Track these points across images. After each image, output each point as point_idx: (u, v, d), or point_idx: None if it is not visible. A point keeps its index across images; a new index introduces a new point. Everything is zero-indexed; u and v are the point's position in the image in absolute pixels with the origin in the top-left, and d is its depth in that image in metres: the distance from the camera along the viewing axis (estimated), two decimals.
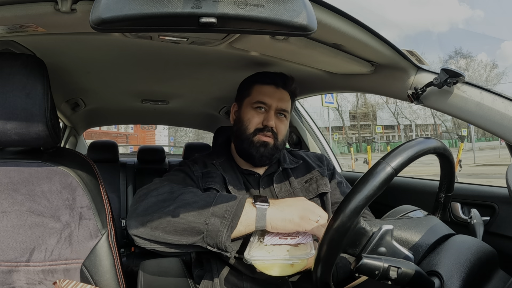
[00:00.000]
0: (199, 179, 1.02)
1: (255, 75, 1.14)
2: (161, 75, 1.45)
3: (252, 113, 1.07)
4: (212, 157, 1.12)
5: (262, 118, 1.06)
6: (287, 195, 1.05)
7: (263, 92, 1.07)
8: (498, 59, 43.76)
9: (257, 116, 1.06)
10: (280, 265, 0.78)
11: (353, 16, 0.81)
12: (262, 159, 1.05)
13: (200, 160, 1.10)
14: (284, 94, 1.09)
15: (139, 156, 2.77)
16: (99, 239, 0.89)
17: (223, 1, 0.53)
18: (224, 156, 1.13)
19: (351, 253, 0.67)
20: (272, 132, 1.05)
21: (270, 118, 1.05)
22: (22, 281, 0.83)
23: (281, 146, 1.08)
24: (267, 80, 1.09)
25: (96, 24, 0.51)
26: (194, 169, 1.05)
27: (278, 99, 1.07)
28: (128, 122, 3.35)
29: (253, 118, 1.06)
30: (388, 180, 0.62)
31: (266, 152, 1.04)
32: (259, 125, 1.06)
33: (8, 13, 0.71)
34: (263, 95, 1.07)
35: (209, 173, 1.04)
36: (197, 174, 1.03)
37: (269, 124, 1.04)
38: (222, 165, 1.09)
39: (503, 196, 1.05)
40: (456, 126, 29.56)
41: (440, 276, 0.62)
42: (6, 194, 0.86)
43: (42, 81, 0.82)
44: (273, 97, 1.06)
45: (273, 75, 1.10)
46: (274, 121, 1.05)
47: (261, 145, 1.04)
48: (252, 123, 1.06)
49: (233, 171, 1.09)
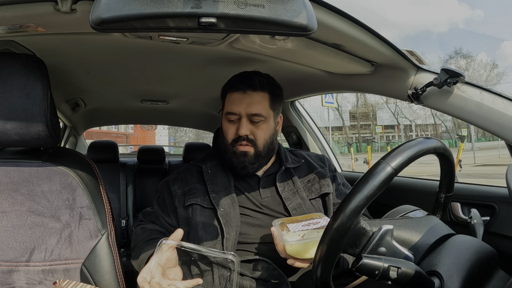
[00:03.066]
0: (176, 199, 1.07)
1: (228, 82, 1.09)
2: (161, 75, 1.45)
3: (227, 125, 1.05)
4: (206, 160, 1.13)
5: (235, 128, 1.03)
6: (291, 194, 1.05)
7: (231, 101, 1.04)
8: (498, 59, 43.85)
9: (231, 127, 1.04)
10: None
11: (353, 16, 0.81)
12: (243, 168, 1.04)
13: (182, 177, 1.11)
14: (254, 97, 1.03)
15: (139, 156, 2.77)
16: (99, 239, 0.88)
17: (223, 1, 0.53)
18: (218, 159, 1.12)
19: (351, 253, 0.67)
20: (248, 140, 1.02)
21: (241, 127, 1.02)
22: (22, 281, 0.83)
23: (264, 152, 1.04)
24: (233, 87, 1.05)
25: (96, 24, 0.51)
26: (173, 189, 1.08)
27: (246, 105, 1.02)
28: (128, 122, 3.35)
29: (228, 130, 1.05)
30: (388, 180, 0.62)
31: (247, 161, 1.03)
32: (234, 136, 1.04)
33: (8, 13, 0.71)
34: (231, 104, 1.04)
35: (190, 190, 1.06)
36: (176, 194, 1.07)
37: (241, 133, 1.01)
38: (213, 168, 1.09)
39: (503, 196, 1.05)
40: (456, 126, 29.55)
41: (440, 276, 0.62)
42: (6, 194, 0.86)
43: (42, 81, 0.82)
44: (241, 104, 1.02)
45: (239, 80, 1.05)
46: (246, 129, 1.02)
47: (241, 154, 1.02)
48: (228, 135, 1.05)
49: (225, 174, 1.08)
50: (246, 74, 1.07)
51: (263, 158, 1.05)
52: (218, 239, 0.98)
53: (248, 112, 1.02)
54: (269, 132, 1.06)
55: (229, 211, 1.00)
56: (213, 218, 1.01)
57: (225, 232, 0.97)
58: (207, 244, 0.98)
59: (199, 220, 1.01)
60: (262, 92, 1.04)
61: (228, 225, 0.98)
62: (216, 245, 0.98)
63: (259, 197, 1.05)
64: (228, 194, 1.03)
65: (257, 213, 1.03)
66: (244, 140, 1.02)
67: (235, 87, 1.04)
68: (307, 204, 1.05)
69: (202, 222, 1.01)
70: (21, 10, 0.71)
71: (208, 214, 1.02)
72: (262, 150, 1.04)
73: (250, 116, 1.02)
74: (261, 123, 1.04)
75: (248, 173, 1.06)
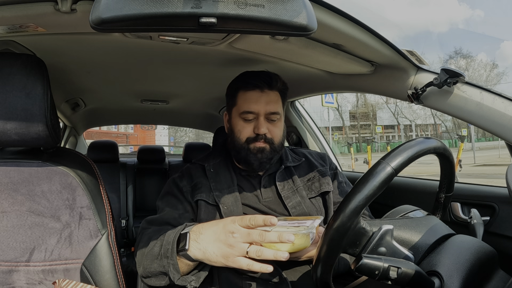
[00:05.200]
0: (188, 194, 1.04)
1: (237, 79, 1.08)
2: (161, 75, 1.45)
3: (242, 123, 1.04)
4: (208, 159, 1.13)
5: (252, 127, 1.02)
6: (290, 193, 1.06)
7: (248, 100, 1.02)
8: (498, 59, 43.84)
9: (247, 126, 1.03)
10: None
11: (353, 16, 0.81)
12: (261, 165, 1.04)
13: (187, 173, 1.10)
14: (271, 96, 1.03)
15: (139, 156, 2.77)
16: (99, 239, 0.89)
17: (223, 1, 0.53)
18: (221, 157, 1.12)
19: (351, 253, 0.67)
20: (266, 138, 1.02)
21: (261, 126, 1.01)
22: (22, 281, 0.83)
23: (278, 148, 1.06)
24: (250, 85, 1.03)
25: (96, 24, 0.51)
26: (182, 185, 1.07)
27: (265, 103, 1.01)
28: (128, 122, 3.35)
29: (243, 129, 1.03)
30: (388, 180, 0.62)
31: (264, 157, 1.03)
32: (251, 134, 1.02)
33: (8, 13, 0.71)
34: (249, 102, 1.02)
35: (196, 185, 1.06)
36: (186, 190, 1.05)
37: (260, 132, 1.01)
38: (215, 167, 1.09)
39: (503, 196, 1.05)
40: (456, 126, 29.57)
41: (440, 276, 0.62)
42: (6, 194, 0.86)
43: (42, 81, 0.82)
44: (260, 103, 1.01)
45: (255, 78, 1.04)
46: (265, 127, 1.01)
47: (258, 151, 1.02)
48: (243, 134, 1.03)
49: (228, 172, 1.08)
50: (260, 72, 1.06)
51: (278, 154, 1.07)
52: None
53: (268, 110, 1.01)
54: (283, 129, 1.08)
55: (233, 209, 1.00)
56: (217, 215, 1.01)
57: None
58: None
59: (204, 216, 1.01)
60: (276, 91, 1.06)
61: None
62: None
63: (261, 195, 1.06)
64: (231, 192, 1.03)
65: (259, 211, 1.03)
66: (262, 138, 1.02)
67: (252, 84, 1.03)
68: (306, 202, 1.05)
69: (206, 219, 1.00)
70: (21, 10, 0.71)
71: (212, 211, 1.02)
72: (277, 146, 1.05)
73: (268, 114, 1.02)
74: (277, 121, 1.05)
75: (263, 168, 1.06)
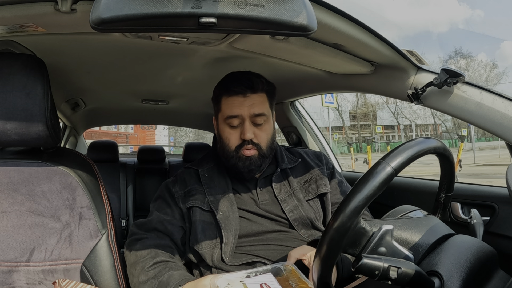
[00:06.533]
0: (180, 200, 1.04)
1: (220, 85, 1.05)
2: (161, 75, 1.45)
3: (228, 130, 1.02)
4: (202, 163, 1.12)
5: (238, 132, 1.01)
6: (287, 196, 1.05)
7: (231, 104, 1.00)
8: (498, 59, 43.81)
9: (234, 133, 1.01)
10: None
11: (353, 16, 0.81)
12: (250, 172, 1.03)
13: (181, 178, 1.09)
14: (255, 98, 1.01)
15: (139, 156, 2.77)
16: (99, 239, 0.88)
17: (223, 1, 0.53)
18: (215, 161, 1.11)
19: (351, 253, 0.67)
20: (253, 143, 1.01)
21: (246, 131, 0.99)
22: (22, 281, 0.83)
23: (268, 153, 1.04)
24: (231, 91, 1.00)
25: (96, 24, 0.51)
26: (174, 190, 1.07)
27: (249, 107, 0.99)
28: (128, 122, 3.35)
29: (230, 136, 1.02)
30: (388, 180, 0.62)
31: (253, 165, 1.01)
32: (238, 141, 1.01)
33: (8, 13, 0.71)
34: (232, 107, 1.00)
35: (190, 191, 1.05)
36: (178, 195, 1.05)
37: (246, 137, 0.99)
38: (209, 171, 1.08)
39: (503, 196, 1.05)
40: (456, 126, 29.55)
41: (440, 276, 0.62)
42: (6, 194, 0.86)
43: (42, 81, 0.82)
44: (243, 106, 0.99)
45: (237, 84, 1.00)
46: (251, 132, 0.99)
47: (246, 159, 1.01)
48: (231, 141, 1.02)
49: (222, 176, 1.07)
50: (241, 75, 1.03)
51: (267, 158, 1.05)
52: (217, 243, 0.98)
53: (252, 113, 1.00)
54: (271, 132, 1.06)
55: (228, 215, 1.00)
56: (212, 221, 1.00)
57: (224, 237, 0.96)
58: (205, 246, 0.98)
59: (199, 223, 1.01)
60: (261, 93, 1.03)
61: (227, 230, 0.97)
62: (214, 249, 0.98)
63: (257, 199, 1.05)
64: (226, 197, 1.03)
65: (256, 215, 1.02)
66: (249, 144, 1.00)
67: (233, 91, 1.00)
68: (304, 205, 1.04)
69: (202, 225, 1.00)
70: (21, 10, 0.71)
71: (207, 217, 1.01)
72: (266, 152, 1.03)
73: (253, 117, 1.00)
74: (264, 123, 1.02)
75: (253, 176, 1.05)
